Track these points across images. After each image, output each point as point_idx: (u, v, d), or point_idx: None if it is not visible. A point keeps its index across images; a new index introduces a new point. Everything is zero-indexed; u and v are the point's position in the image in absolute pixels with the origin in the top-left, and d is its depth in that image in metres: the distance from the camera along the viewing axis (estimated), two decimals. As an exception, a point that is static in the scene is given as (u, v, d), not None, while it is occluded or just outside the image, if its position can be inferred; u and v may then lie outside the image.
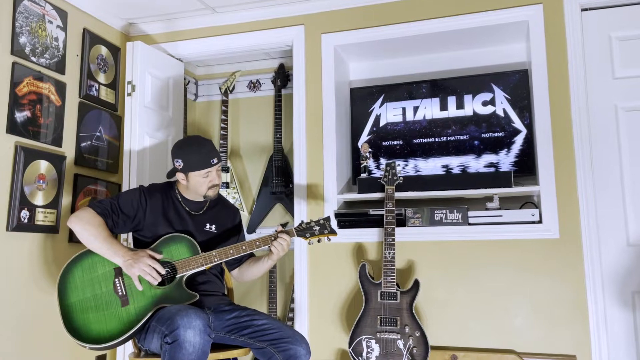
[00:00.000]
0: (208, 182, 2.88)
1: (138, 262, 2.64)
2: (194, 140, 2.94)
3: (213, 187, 2.90)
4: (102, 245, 2.69)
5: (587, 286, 3.15)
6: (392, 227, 3.29)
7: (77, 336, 2.60)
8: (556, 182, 3.24)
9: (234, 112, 4.74)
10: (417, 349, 3.12)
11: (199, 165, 2.84)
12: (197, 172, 2.85)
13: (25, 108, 3.22)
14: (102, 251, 2.70)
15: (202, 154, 2.85)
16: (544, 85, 3.32)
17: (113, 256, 2.69)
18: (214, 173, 2.89)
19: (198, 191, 2.90)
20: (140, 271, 2.63)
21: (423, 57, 3.91)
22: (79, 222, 2.73)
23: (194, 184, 2.88)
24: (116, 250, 2.68)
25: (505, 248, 3.31)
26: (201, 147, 2.87)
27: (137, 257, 2.66)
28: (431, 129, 3.69)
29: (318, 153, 3.68)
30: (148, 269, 2.64)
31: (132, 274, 2.65)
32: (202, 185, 2.88)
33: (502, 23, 3.43)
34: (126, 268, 2.66)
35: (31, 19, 3.29)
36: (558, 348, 3.16)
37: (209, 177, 2.87)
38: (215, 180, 2.90)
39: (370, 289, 3.27)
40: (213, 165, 2.87)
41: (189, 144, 2.91)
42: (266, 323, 2.75)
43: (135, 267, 2.63)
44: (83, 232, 2.71)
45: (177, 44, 4.04)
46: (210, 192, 2.91)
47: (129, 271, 2.65)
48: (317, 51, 3.76)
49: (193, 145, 2.89)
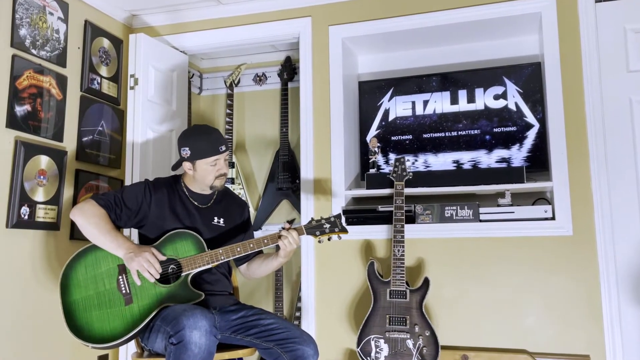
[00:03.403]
0: (216, 171, 2.84)
1: (138, 257, 2.60)
2: (201, 128, 2.92)
3: (220, 176, 2.87)
4: (106, 238, 2.66)
5: (601, 285, 3.14)
6: (402, 223, 3.27)
7: (80, 335, 2.58)
8: (569, 177, 3.23)
9: (240, 106, 4.73)
10: (427, 348, 3.11)
11: (207, 153, 2.80)
12: (204, 159, 2.81)
13: (25, 102, 3.21)
14: (105, 244, 2.67)
15: (210, 141, 2.82)
16: (557, 78, 3.32)
17: (116, 249, 2.65)
18: (222, 161, 2.86)
19: (205, 181, 2.86)
20: (138, 266, 2.60)
21: (433, 50, 3.90)
22: (81, 214, 2.70)
23: (201, 173, 2.84)
24: (120, 243, 2.66)
25: (517, 245, 3.29)
26: (209, 135, 2.85)
27: (139, 251, 2.63)
28: (441, 123, 3.69)
29: (325, 148, 3.67)
30: (147, 264, 2.60)
31: (131, 267, 2.63)
32: (210, 174, 2.84)
33: (514, 15, 3.43)
34: (127, 261, 2.63)
35: (31, 10, 3.28)
36: (571, 348, 3.15)
37: (216, 165, 2.84)
38: (223, 169, 2.87)
39: (379, 288, 3.26)
40: (221, 153, 2.83)
41: (196, 132, 2.89)
42: (273, 323, 2.73)
43: (135, 261, 2.60)
44: (86, 224, 2.68)
45: (181, 36, 4.03)
46: (218, 182, 2.87)
47: (129, 264, 2.63)
48: (324, 43, 3.75)
49: (200, 133, 2.86)
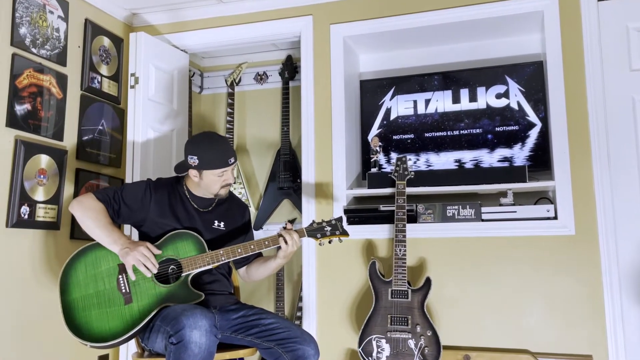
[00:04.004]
0: (222, 182, 2.82)
1: (134, 251, 2.59)
2: (212, 138, 2.87)
3: (226, 186, 2.85)
4: (102, 232, 2.66)
5: (603, 284, 3.12)
6: (403, 223, 3.26)
7: (79, 334, 2.56)
8: (572, 177, 3.21)
9: (240, 105, 4.72)
10: (429, 348, 3.10)
11: (216, 165, 2.77)
12: (212, 170, 2.79)
13: (25, 101, 3.19)
14: (101, 238, 2.67)
15: (220, 153, 2.78)
16: (559, 77, 3.30)
17: (111, 244, 2.65)
18: (229, 172, 2.84)
19: (210, 190, 2.85)
20: (134, 260, 2.59)
21: (435, 49, 3.89)
22: (80, 207, 2.70)
23: (207, 183, 2.82)
24: (115, 238, 2.65)
25: (519, 245, 3.28)
26: (219, 146, 2.81)
27: (134, 246, 2.62)
28: (443, 122, 3.67)
29: (327, 147, 3.65)
30: (143, 258, 2.59)
31: (126, 262, 2.62)
32: (215, 184, 2.82)
33: (516, 13, 3.40)
34: (122, 256, 2.62)
35: (31, 9, 3.26)
36: (573, 348, 3.14)
37: (223, 176, 2.82)
38: (229, 180, 2.85)
39: (381, 287, 3.25)
40: (230, 165, 2.81)
41: (205, 141, 2.84)
42: (274, 322, 2.72)
43: (130, 255, 2.59)
44: (84, 217, 2.69)
45: (181, 34, 4.02)
46: (222, 191, 2.86)
47: (124, 259, 2.62)
48: (325, 42, 3.73)
49: (211, 143, 2.82)
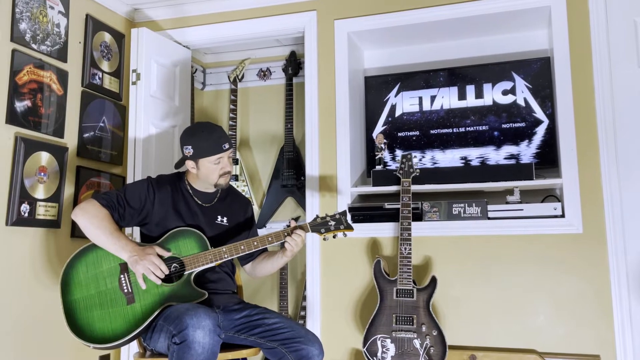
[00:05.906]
0: (219, 169, 2.81)
1: (143, 260, 2.57)
2: (204, 126, 2.89)
3: (224, 174, 2.84)
4: (108, 240, 2.63)
5: (611, 283, 3.12)
6: (408, 221, 3.24)
7: (81, 335, 2.55)
8: (579, 174, 3.21)
9: (244, 102, 4.71)
10: (435, 348, 3.09)
11: (210, 151, 2.77)
12: (207, 158, 2.78)
13: (25, 97, 3.18)
14: (108, 246, 2.64)
15: (213, 139, 2.79)
16: (566, 73, 3.29)
17: (119, 251, 2.62)
18: (226, 159, 2.83)
19: (209, 179, 2.83)
20: (144, 269, 2.57)
21: (441, 44, 3.88)
22: (84, 214, 2.67)
23: (205, 172, 2.81)
24: (123, 245, 2.62)
25: (526, 243, 3.27)
26: (212, 132, 2.82)
27: (144, 253, 2.59)
28: (449, 119, 3.65)
29: (331, 144, 3.64)
30: (152, 267, 2.57)
31: (136, 271, 2.59)
32: (214, 173, 2.81)
33: (523, 8, 3.39)
34: (131, 264, 2.60)
35: (32, 4, 3.24)
36: (581, 348, 3.13)
37: (220, 163, 2.81)
38: (227, 167, 2.84)
39: (386, 286, 3.23)
40: (225, 151, 2.80)
41: (198, 130, 2.85)
42: (277, 322, 2.71)
43: (140, 264, 2.57)
44: (88, 225, 2.65)
45: (184, 30, 4.00)
46: (222, 181, 2.84)
47: (133, 268, 2.60)
48: (330, 38, 3.72)
49: (203, 131, 2.83)
